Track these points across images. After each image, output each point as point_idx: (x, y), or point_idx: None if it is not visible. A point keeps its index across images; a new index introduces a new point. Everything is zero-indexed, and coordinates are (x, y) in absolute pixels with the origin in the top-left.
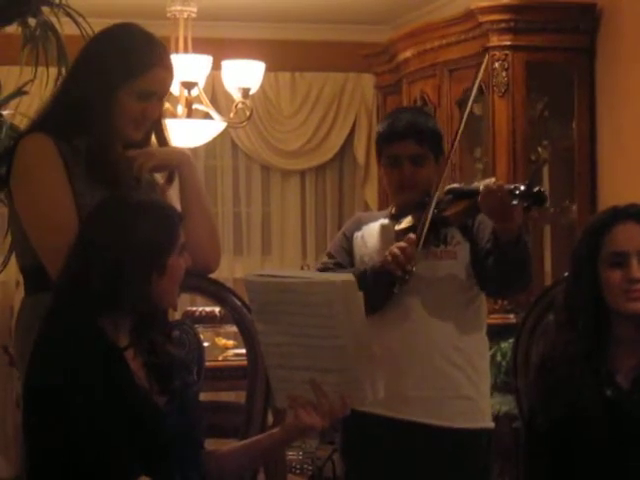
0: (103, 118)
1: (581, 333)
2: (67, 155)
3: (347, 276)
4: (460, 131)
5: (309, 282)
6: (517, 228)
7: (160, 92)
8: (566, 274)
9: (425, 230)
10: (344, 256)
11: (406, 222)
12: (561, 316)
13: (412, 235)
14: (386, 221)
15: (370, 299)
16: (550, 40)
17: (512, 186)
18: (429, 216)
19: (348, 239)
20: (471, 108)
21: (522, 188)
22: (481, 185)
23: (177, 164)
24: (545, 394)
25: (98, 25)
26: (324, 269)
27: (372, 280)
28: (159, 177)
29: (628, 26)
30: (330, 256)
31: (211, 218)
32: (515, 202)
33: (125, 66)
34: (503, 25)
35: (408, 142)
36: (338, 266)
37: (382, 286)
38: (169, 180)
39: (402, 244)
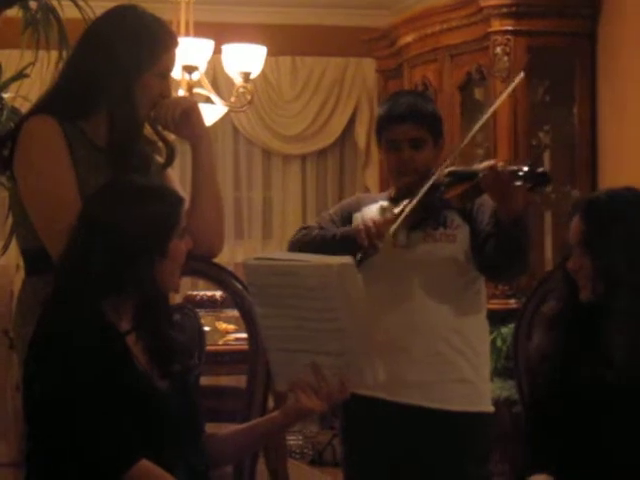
0: (127, 102)
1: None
2: (71, 137)
3: (345, 259)
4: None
5: (307, 265)
6: (519, 210)
7: (173, 69)
8: None
9: (407, 212)
10: (331, 227)
11: (404, 205)
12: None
13: (390, 216)
14: (385, 203)
15: None
16: (552, 25)
17: (516, 167)
18: (418, 197)
19: (343, 215)
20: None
21: (525, 169)
22: (482, 166)
23: (195, 107)
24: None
25: (99, 8)
26: (303, 229)
27: (339, 243)
28: (158, 158)
29: (630, 11)
30: (318, 223)
31: (221, 200)
32: (519, 183)
33: (149, 49)
34: (505, 10)
35: (407, 125)
36: (319, 230)
37: (345, 252)
38: (169, 161)
39: (379, 219)
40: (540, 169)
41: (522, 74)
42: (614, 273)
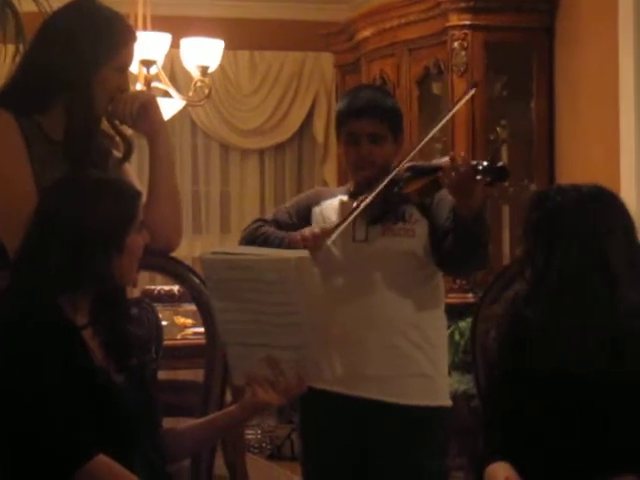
0: (84, 96)
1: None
2: (28, 131)
3: (302, 252)
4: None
5: (264, 259)
6: (478, 205)
7: (131, 63)
8: None
9: (363, 206)
10: (286, 219)
11: (360, 200)
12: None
13: (327, 227)
14: (345, 197)
15: None
16: (509, 20)
17: (475, 162)
18: (375, 192)
19: (301, 208)
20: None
21: (485, 163)
22: (442, 161)
23: (153, 101)
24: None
25: (57, 2)
26: (256, 221)
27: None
28: (116, 152)
29: (586, 6)
30: (275, 221)
31: (178, 195)
32: (478, 177)
33: (107, 43)
34: (462, 5)
35: (367, 120)
36: (274, 223)
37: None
38: (126, 155)
39: (316, 230)
40: (499, 163)
41: (473, 90)
42: (529, 263)
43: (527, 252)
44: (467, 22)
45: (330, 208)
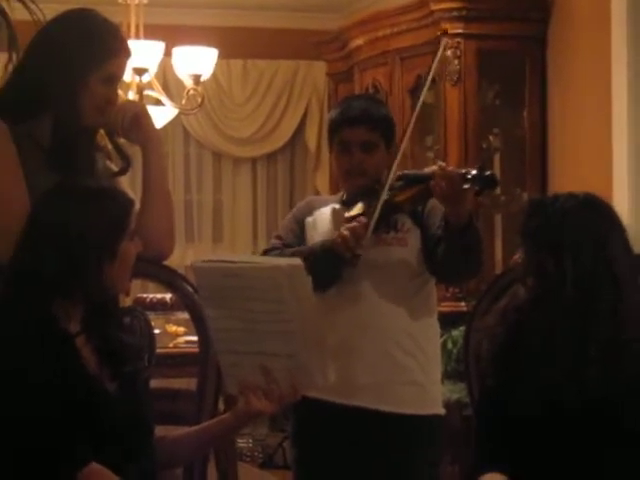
0: (69, 104)
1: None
2: (19, 139)
3: (294, 260)
4: (413, 120)
5: (256, 267)
6: (468, 213)
7: (122, 77)
8: None
9: (376, 216)
10: (292, 238)
11: (357, 209)
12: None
13: (363, 217)
14: (337, 206)
15: (318, 278)
16: (502, 28)
17: (464, 170)
18: (379, 203)
19: (299, 222)
20: (423, 96)
21: (474, 172)
22: (431, 170)
23: (144, 111)
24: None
25: (50, 11)
26: (272, 249)
27: (321, 258)
28: (112, 165)
29: (579, 15)
30: (279, 238)
31: (171, 203)
32: (467, 186)
33: (95, 52)
34: (455, 13)
35: (359, 128)
36: (286, 247)
37: (330, 266)
38: (122, 171)
39: (353, 224)
40: (488, 172)
41: (444, 41)
42: (538, 269)
43: (528, 259)
44: (460, 30)
45: (323, 217)
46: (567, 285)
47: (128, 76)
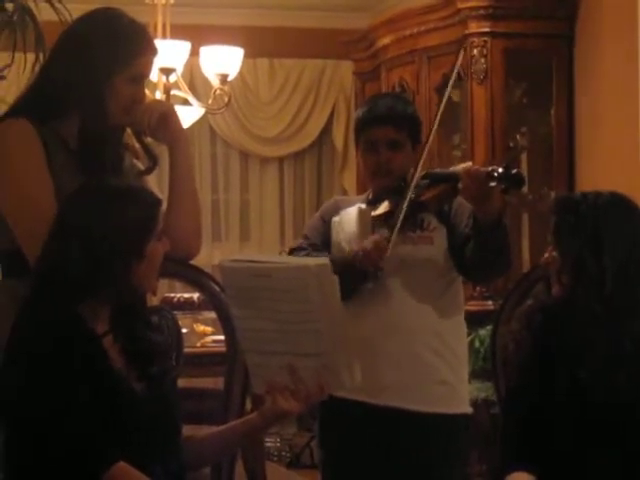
0: (95, 105)
1: None
2: (47, 139)
3: (322, 260)
4: (439, 116)
5: (283, 267)
6: (497, 212)
7: (148, 75)
8: None
9: (402, 216)
10: (319, 238)
11: (383, 207)
12: None
13: (385, 231)
14: (363, 206)
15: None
16: (529, 27)
17: (490, 168)
18: (406, 202)
19: (325, 223)
20: (449, 94)
21: (500, 170)
22: (458, 169)
23: (172, 111)
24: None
25: (77, 11)
26: (299, 249)
27: (339, 271)
28: (136, 162)
29: (606, 12)
30: (305, 237)
31: (198, 202)
32: (493, 184)
33: (121, 52)
34: (482, 12)
35: (386, 127)
36: (313, 247)
37: (349, 278)
38: (149, 170)
39: (376, 237)
40: (514, 170)
41: (467, 42)
42: (577, 266)
43: (564, 257)
44: (486, 29)
45: (349, 217)
46: (607, 282)
47: (155, 76)
